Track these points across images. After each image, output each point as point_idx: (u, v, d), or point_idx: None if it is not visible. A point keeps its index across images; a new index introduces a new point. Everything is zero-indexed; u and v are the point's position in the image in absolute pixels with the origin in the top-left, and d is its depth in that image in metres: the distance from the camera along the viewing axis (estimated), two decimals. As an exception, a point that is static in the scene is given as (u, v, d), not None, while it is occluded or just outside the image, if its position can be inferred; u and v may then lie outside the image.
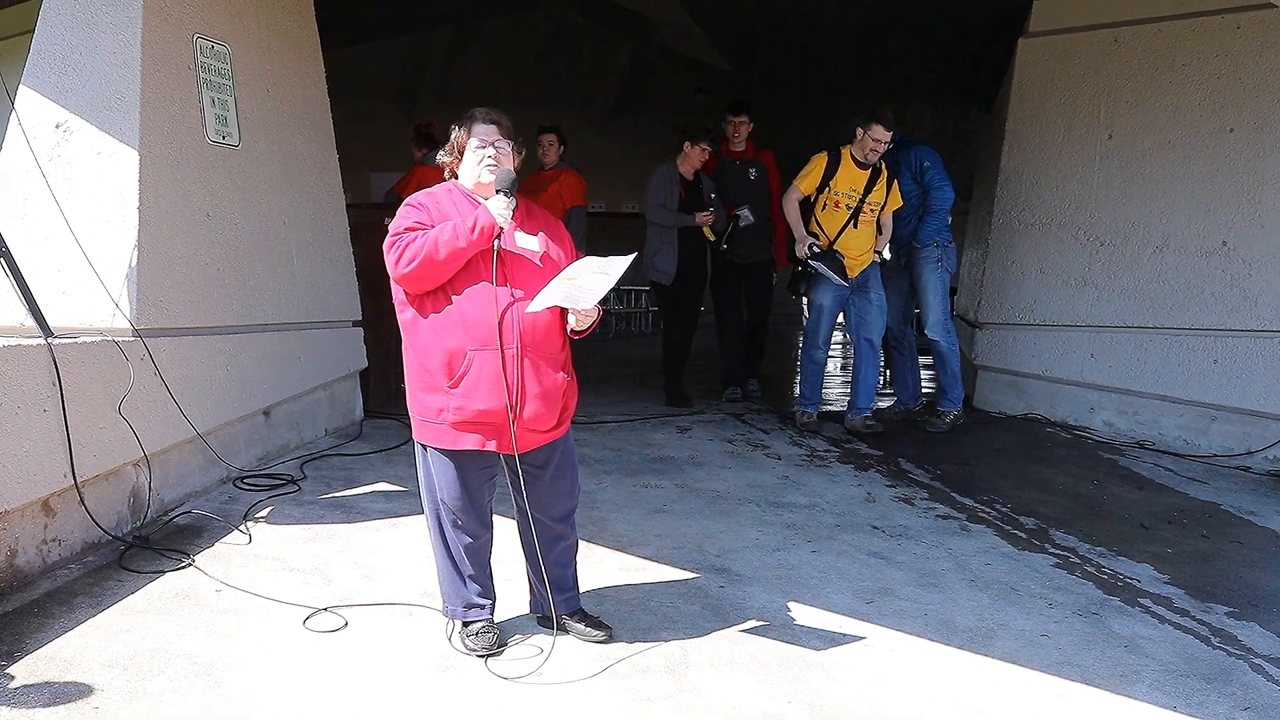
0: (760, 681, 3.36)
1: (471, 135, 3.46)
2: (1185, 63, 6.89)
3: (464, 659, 3.42)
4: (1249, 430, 6.48)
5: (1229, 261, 6.64)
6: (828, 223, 6.72)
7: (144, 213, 4.62)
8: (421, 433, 3.43)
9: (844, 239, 6.67)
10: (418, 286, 3.34)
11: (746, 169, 7.89)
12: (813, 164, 6.73)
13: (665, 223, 7.46)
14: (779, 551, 4.62)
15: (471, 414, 3.31)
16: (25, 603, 3.60)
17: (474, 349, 3.29)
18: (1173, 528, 5.23)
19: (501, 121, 3.50)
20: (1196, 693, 3.41)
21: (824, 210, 6.72)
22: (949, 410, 7.03)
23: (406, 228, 3.34)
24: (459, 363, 3.30)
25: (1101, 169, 7.24)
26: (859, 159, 6.61)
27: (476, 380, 3.29)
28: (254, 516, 4.69)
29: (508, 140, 3.49)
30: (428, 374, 3.35)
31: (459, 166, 3.51)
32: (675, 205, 7.47)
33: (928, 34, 10.74)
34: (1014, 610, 4.05)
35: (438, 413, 3.34)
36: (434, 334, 3.33)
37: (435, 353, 3.32)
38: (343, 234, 6.55)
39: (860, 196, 6.63)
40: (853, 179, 6.64)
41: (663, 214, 7.45)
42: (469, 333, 3.29)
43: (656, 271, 7.52)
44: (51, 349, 3.92)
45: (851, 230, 6.68)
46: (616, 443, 6.49)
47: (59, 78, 4.74)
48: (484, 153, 3.44)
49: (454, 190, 3.50)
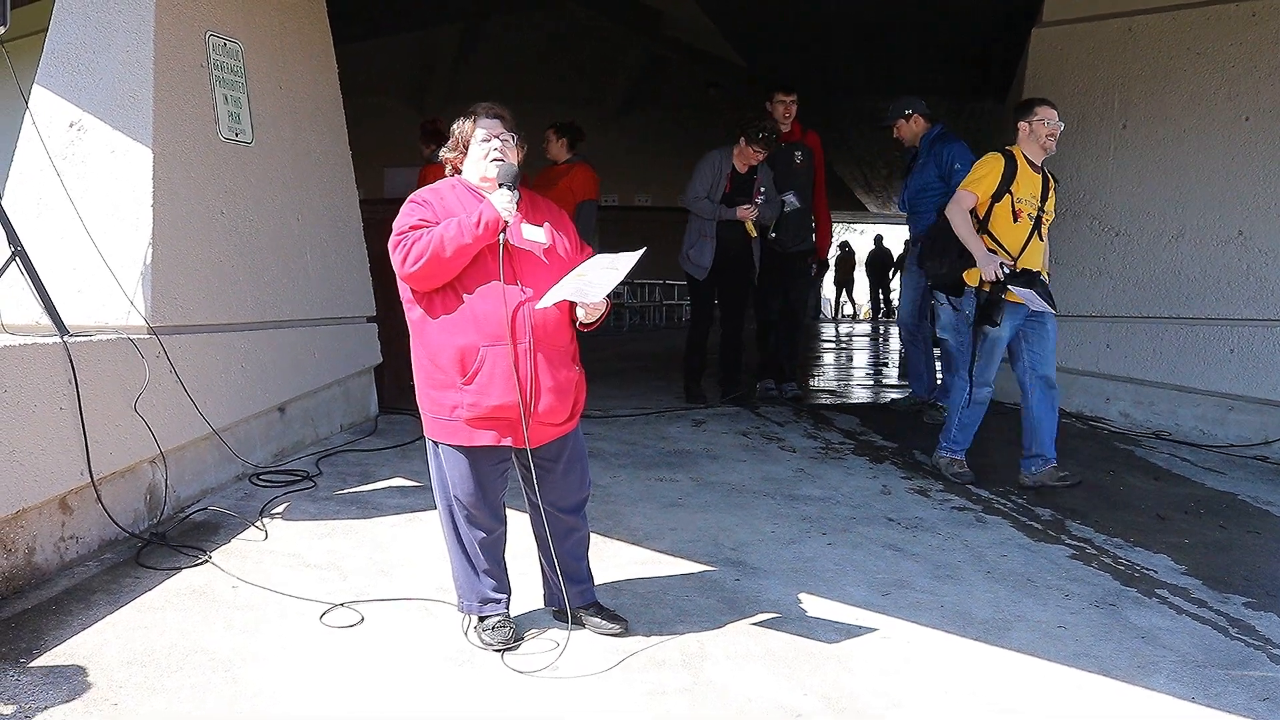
0: (776, 674, 3.35)
1: (474, 131, 3.47)
2: (1200, 51, 6.85)
3: (480, 653, 3.42)
4: (1266, 420, 6.44)
5: (1245, 250, 6.61)
6: (1007, 237, 5.52)
7: (158, 210, 4.64)
8: (434, 430, 3.44)
9: (1027, 254, 5.53)
10: (425, 284, 3.34)
11: (792, 152, 7.48)
12: (987, 165, 5.54)
13: (704, 214, 7.16)
14: (794, 544, 4.61)
15: (486, 410, 3.31)
16: (43, 600, 3.62)
17: (486, 345, 3.29)
18: (1190, 518, 5.21)
19: (504, 116, 3.51)
20: (1215, 683, 3.39)
21: (1003, 222, 5.52)
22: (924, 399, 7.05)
23: (411, 225, 3.34)
24: (472, 359, 3.30)
25: (1116, 158, 7.20)
26: (1033, 158, 5.57)
27: (490, 376, 3.29)
28: (270, 513, 4.70)
29: (511, 135, 3.50)
30: (439, 371, 3.35)
31: (463, 162, 3.52)
32: (719, 197, 7.13)
33: (937, 30, 10.71)
34: (1030, 602, 4.03)
35: (451, 409, 3.34)
36: (444, 332, 3.33)
37: (446, 350, 3.32)
38: (356, 230, 6.55)
39: (1039, 205, 5.57)
40: (1032, 184, 5.56)
41: (702, 205, 7.15)
42: (480, 329, 3.29)
43: (690, 264, 7.25)
44: (67, 347, 3.93)
45: (1035, 244, 5.59)
46: (631, 436, 6.48)
47: (72, 76, 4.76)
48: (488, 146, 3.44)
49: (457, 185, 3.50)
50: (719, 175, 7.13)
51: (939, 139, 6.89)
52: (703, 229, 7.17)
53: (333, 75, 6.40)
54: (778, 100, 7.47)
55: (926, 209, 6.85)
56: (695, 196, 7.15)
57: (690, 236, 7.22)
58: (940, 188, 6.85)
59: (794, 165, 7.43)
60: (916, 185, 7.00)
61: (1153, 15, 7.08)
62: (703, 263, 7.16)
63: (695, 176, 7.20)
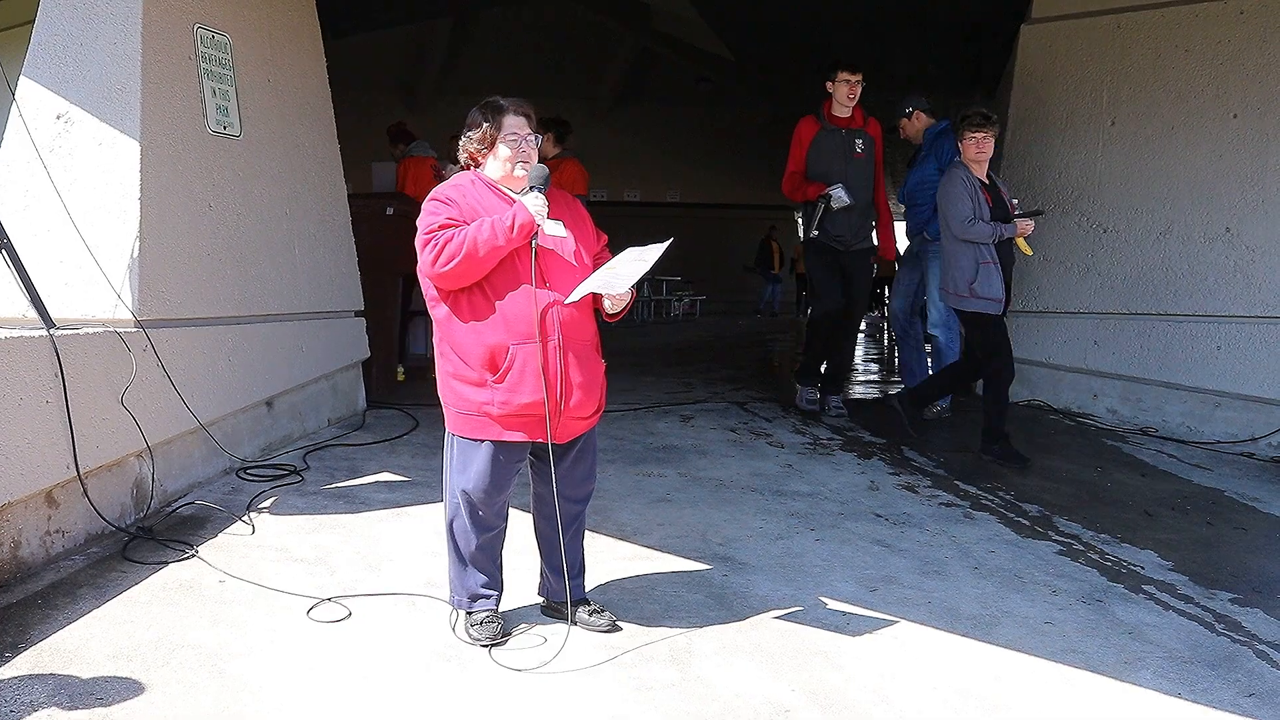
0: (764, 669, 3.36)
1: (502, 129, 3.44)
2: (1188, 49, 6.87)
3: (468, 648, 3.42)
4: (1252, 417, 6.47)
5: (1232, 247, 6.63)
6: None
7: (145, 204, 4.62)
8: (461, 425, 3.41)
9: None
10: (454, 283, 3.33)
11: (852, 140, 6.68)
12: None
13: (982, 238, 5.79)
14: (782, 540, 4.61)
15: (516, 407, 3.31)
16: (29, 594, 3.60)
17: (516, 343, 3.29)
18: (1176, 514, 5.23)
19: (530, 115, 3.50)
20: (1201, 679, 3.40)
21: None
22: (945, 404, 7.03)
23: (440, 225, 3.32)
24: (502, 358, 3.30)
25: (1104, 155, 7.22)
26: None
27: (521, 374, 3.29)
28: (257, 507, 4.69)
29: (536, 134, 3.49)
30: (468, 368, 3.34)
31: (485, 156, 3.49)
32: (987, 214, 5.84)
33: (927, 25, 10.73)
34: (1018, 598, 4.04)
35: (479, 406, 3.33)
36: (473, 331, 3.33)
37: (475, 349, 3.32)
38: (344, 224, 6.54)
39: None
40: None
41: (979, 229, 5.78)
42: (510, 328, 3.30)
43: (978, 300, 5.83)
44: (54, 340, 3.91)
45: None
46: (619, 431, 6.48)
47: (60, 68, 4.73)
48: (517, 147, 3.43)
49: (477, 182, 3.47)
50: (974, 189, 5.89)
51: (943, 134, 6.89)
52: (979, 254, 5.83)
53: (322, 68, 6.39)
54: (840, 79, 6.62)
55: (925, 201, 6.85)
56: (969, 219, 5.81)
57: (963, 267, 5.87)
58: (938, 179, 6.86)
59: (853, 155, 6.69)
60: (915, 179, 7.01)
61: (1141, 12, 7.10)
62: (994, 294, 5.83)
63: (954, 199, 5.87)
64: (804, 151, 6.76)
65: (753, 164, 21.06)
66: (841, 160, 6.64)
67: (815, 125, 6.69)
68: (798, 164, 6.79)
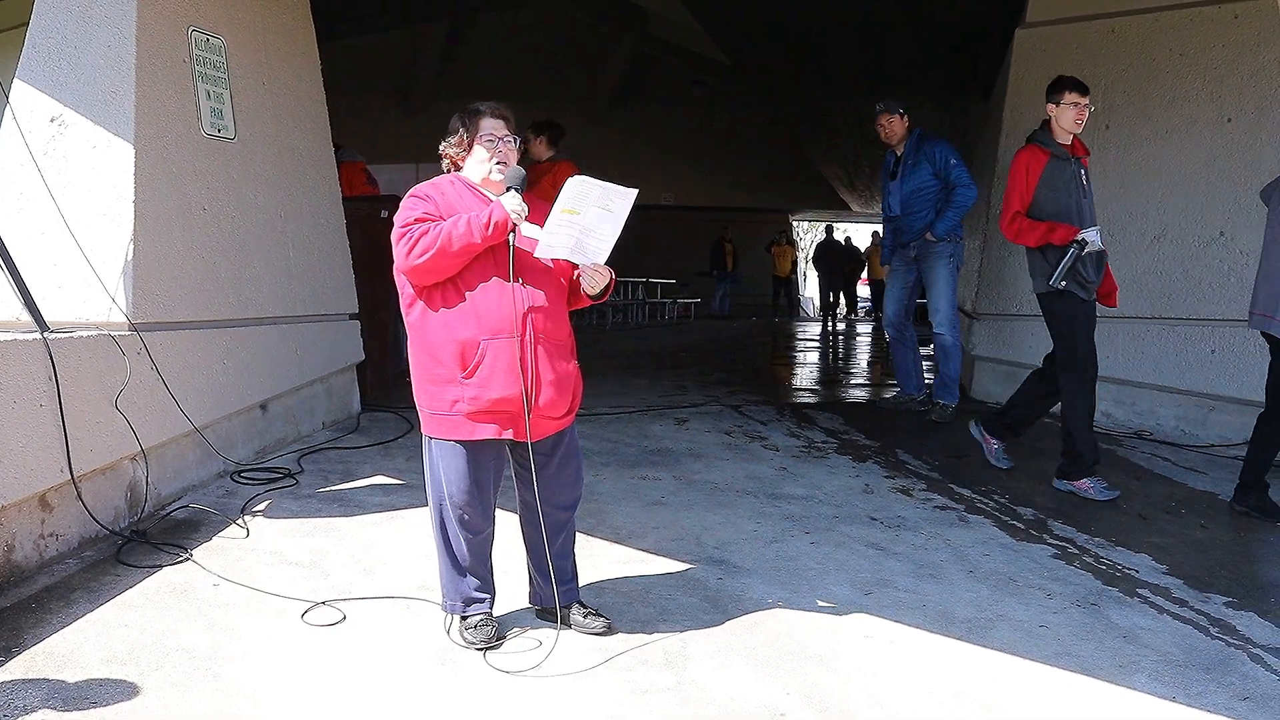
0: (759, 673, 3.36)
1: (480, 131, 3.47)
2: (1183, 53, 6.88)
3: (462, 652, 3.41)
4: (1247, 420, 6.44)
5: (1227, 251, 6.64)
6: None
7: (139, 206, 4.61)
8: (433, 426, 3.42)
9: None
10: (425, 278, 3.34)
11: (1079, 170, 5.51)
12: None
13: None
14: (777, 543, 4.61)
15: (487, 403, 3.32)
16: (22, 598, 3.59)
17: (487, 338, 3.30)
18: (1171, 518, 5.23)
19: (508, 118, 3.53)
20: (1195, 683, 3.40)
21: None
22: (949, 404, 7.04)
23: (415, 219, 3.35)
24: (472, 353, 3.31)
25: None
26: None
27: (491, 369, 3.30)
28: (251, 510, 4.68)
29: (514, 135, 3.51)
30: (439, 365, 3.35)
31: (464, 160, 3.51)
32: None
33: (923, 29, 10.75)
34: (1013, 601, 4.04)
35: (451, 404, 3.34)
36: (445, 327, 3.34)
37: (447, 345, 3.33)
38: (339, 227, 6.53)
39: None
40: None
41: None
42: (481, 322, 3.31)
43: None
44: (48, 344, 3.91)
45: None
46: (614, 434, 6.48)
47: (54, 71, 4.73)
48: (493, 148, 3.45)
49: (457, 183, 3.51)
50: None
51: (925, 139, 6.96)
52: None
53: (316, 71, 6.38)
54: (1068, 101, 5.42)
55: (923, 209, 6.91)
56: None
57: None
58: (935, 185, 6.90)
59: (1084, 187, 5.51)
60: (911, 187, 7.04)
61: (1136, 16, 7.11)
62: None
63: None
64: (1033, 186, 5.46)
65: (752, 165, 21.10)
66: (1077, 195, 5.46)
67: (1044, 154, 5.43)
68: (1024, 202, 5.48)
